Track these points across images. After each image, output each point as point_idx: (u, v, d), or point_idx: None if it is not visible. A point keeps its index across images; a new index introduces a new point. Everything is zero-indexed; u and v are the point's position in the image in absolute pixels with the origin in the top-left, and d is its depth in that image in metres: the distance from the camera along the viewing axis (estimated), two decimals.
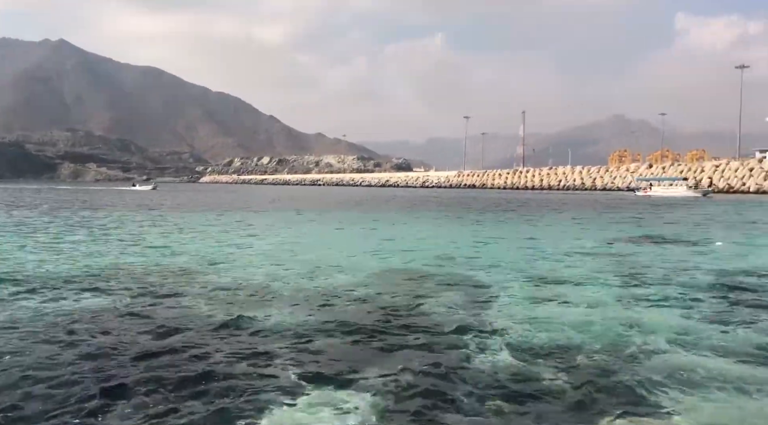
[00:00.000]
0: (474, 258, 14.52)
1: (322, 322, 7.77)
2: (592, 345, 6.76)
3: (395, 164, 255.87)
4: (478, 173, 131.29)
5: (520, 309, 8.68)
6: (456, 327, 7.48)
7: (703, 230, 23.67)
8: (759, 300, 9.38)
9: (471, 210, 39.62)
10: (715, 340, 6.98)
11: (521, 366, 6.06)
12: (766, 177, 79.44)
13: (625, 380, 5.63)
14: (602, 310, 8.60)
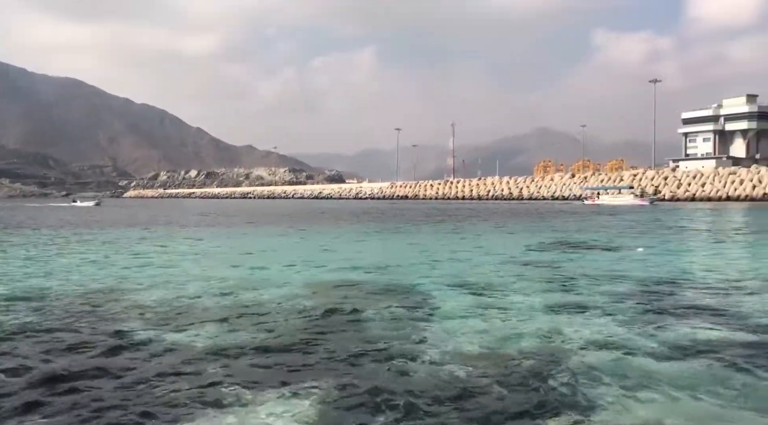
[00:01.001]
0: (408, 267, 14.61)
1: (254, 336, 7.62)
2: (523, 351, 6.92)
3: (328, 176, 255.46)
4: (410, 184, 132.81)
5: (454, 317, 8.80)
6: (390, 337, 7.50)
7: (629, 236, 24.78)
8: (675, 303, 9.89)
9: (404, 220, 39.94)
10: (637, 343, 7.29)
11: (455, 373, 6.12)
12: (679, 185, 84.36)
13: (556, 384, 5.79)
14: (532, 316, 8.85)
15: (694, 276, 13.22)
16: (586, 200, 76.98)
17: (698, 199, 78.94)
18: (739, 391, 5.59)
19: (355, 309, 9.46)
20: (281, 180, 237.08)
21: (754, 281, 12.38)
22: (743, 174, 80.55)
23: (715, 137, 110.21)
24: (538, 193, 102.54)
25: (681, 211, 52.35)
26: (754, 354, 6.72)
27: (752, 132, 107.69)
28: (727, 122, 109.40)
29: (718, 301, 10.06)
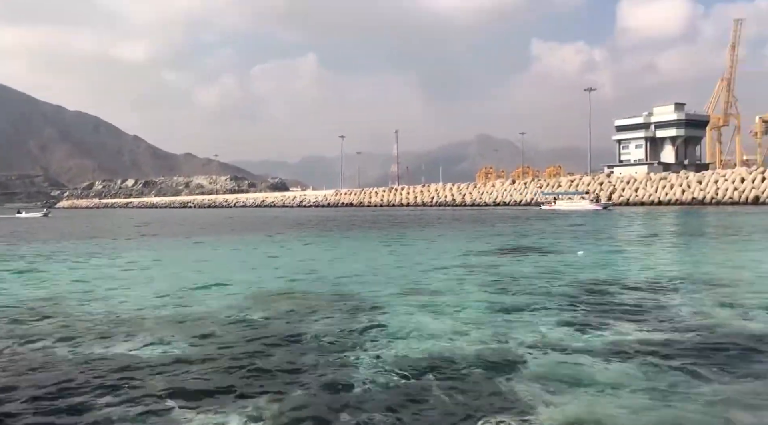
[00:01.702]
0: (353, 274, 14.57)
1: (194, 350, 7.45)
2: (466, 354, 7.03)
3: (271, 184, 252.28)
4: (355, 191, 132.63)
5: (398, 323, 8.83)
6: (334, 346, 7.49)
7: (572, 240, 25.43)
8: (611, 304, 10.27)
9: (349, 228, 39.81)
10: (576, 343, 7.52)
11: (400, 379, 6.17)
12: (614, 190, 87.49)
13: (498, 386, 5.90)
14: (474, 320, 8.99)
15: (630, 277, 13.69)
16: (543, 205, 78.30)
17: (632, 203, 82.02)
18: (671, 389, 5.82)
19: (299, 318, 9.39)
20: (222, 188, 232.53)
21: (684, 282, 12.94)
22: (673, 179, 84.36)
23: (646, 144, 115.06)
24: (480, 199, 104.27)
25: (629, 215, 54.26)
26: (685, 353, 7.03)
27: (680, 139, 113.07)
28: (657, 129, 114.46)
29: (651, 301, 10.47)
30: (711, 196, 76.59)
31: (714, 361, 6.63)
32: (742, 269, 14.97)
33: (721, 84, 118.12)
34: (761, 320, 8.76)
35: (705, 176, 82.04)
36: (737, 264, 16.08)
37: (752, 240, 23.87)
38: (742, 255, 18.46)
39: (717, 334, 7.92)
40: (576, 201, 75.92)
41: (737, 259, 17.50)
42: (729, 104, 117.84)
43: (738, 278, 13.25)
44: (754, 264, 15.96)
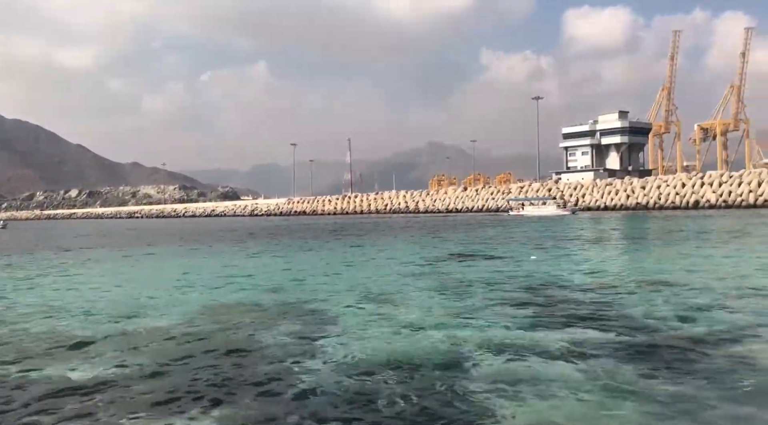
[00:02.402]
0: (306, 283, 14.44)
1: (142, 365, 7.23)
2: (420, 358, 7.05)
3: (221, 193, 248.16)
4: (308, 200, 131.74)
5: (353, 329, 8.80)
6: (289, 354, 7.39)
7: (528, 244, 25.79)
8: (561, 306, 10.46)
9: (303, 236, 39.42)
10: (529, 344, 7.63)
11: (356, 382, 6.15)
12: (562, 196, 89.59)
13: (453, 389, 5.92)
14: (429, 324, 9.01)
15: (579, 279, 14.00)
16: (512, 211, 79.27)
17: (579, 208, 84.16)
18: (621, 387, 5.94)
19: (251, 328, 9.24)
20: (171, 198, 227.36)
21: (631, 283, 13.32)
22: (618, 185, 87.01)
23: (592, 150, 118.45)
24: (433, 206, 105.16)
25: (579, 219, 55.54)
26: (633, 352, 7.22)
27: (624, 146, 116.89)
28: (602, 136, 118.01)
29: (600, 303, 10.74)
30: (654, 201, 79.32)
31: (661, 359, 6.83)
32: (684, 271, 15.45)
33: (662, 93, 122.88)
34: (704, 319, 9.06)
35: (648, 182, 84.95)
36: (680, 266, 16.61)
37: (693, 244, 24.74)
38: (684, 258, 19.09)
39: (663, 333, 8.15)
40: (544, 206, 77.20)
41: (680, 261, 18.08)
42: (669, 112, 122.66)
43: (681, 279, 13.68)
44: (695, 265, 16.52)
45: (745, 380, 6.05)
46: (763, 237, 26.37)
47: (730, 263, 17.00)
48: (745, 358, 6.86)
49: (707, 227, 35.86)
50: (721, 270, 15.30)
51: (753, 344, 7.47)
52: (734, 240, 25.88)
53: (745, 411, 5.22)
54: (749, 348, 7.30)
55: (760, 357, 6.85)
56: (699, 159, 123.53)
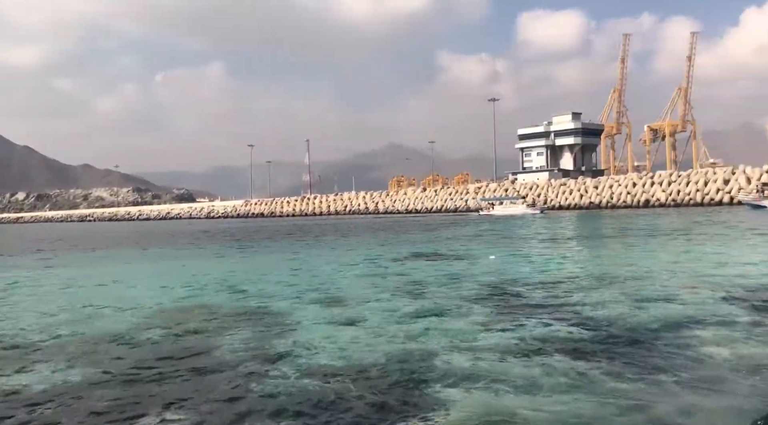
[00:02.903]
0: (265, 286, 14.30)
1: (98, 372, 7.02)
2: (382, 359, 7.05)
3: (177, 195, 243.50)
4: (266, 201, 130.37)
5: (312, 332, 8.74)
6: (248, 358, 7.30)
7: (488, 244, 26.07)
8: (519, 304, 10.63)
9: (260, 238, 38.99)
10: (489, 343, 7.72)
11: (315, 388, 6.09)
12: (517, 195, 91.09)
13: (414, 387, 5.97)
14: (390, 324, 9.03)
15: (537, 277, 14.25)
16: (482, 211, 79.84)
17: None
18: (579, 383, 6.07)
19: (209, 331, 9.10)
20: (125, 200, 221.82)
21: (585, 279, 13.64)
22: (572, 185, 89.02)
23: (547, 151, 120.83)
24: (393, 207, 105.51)
25: (554, 218, 56.48)
26: (589, 347, 7.38)
27: (578, 146, 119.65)
28: (556, 138, 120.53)
29: (557, 300, 10.95)
30: (606, 200, 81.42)
31: (614, 352, 7.00)
32: (635, 266, 15.89)
33: (613, 95, 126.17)
34: (655, 313, 9.32)
35: (601, 182, 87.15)
36: (631, 262, 17.07)
37: (643, 241, 25.51)
38: (636, 254, 19.66)
39: (618, 328, 8.36)
40: (513, 206, 78.25)
41: (631, 257, 18.61)
42: (620, 114, 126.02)
43: (632, 274, 14.08)
44: (646, 261, 17.03)
45: (693, 369, 6.25)
46: (709, 234, 27.36)
47: (678, 258, 17.59)
48: (691, 348, 7.11)
49: (657, 225, 37.02)
50: (670, 265, 15.80)
51: (700, 335, 7.74)
52: (682, 237, 26.79)
53: (692, 399, 5.39)
54: (696, 339, 7.56)
55: (705, 347, 7.10)
56: (649, 159, 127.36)
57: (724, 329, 8.10)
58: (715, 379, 5.95)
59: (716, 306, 9.75)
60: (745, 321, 8.54)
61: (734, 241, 23.23)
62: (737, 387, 5.71)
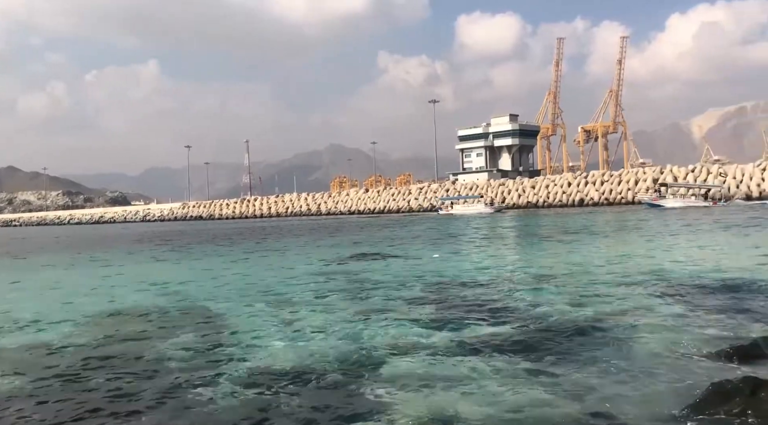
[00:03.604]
0: (205, 290, 14.00)
1: (22, 384, 6.66)
2: (326, 361, 7.02)
3: (110, 198, 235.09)
4: (204, 204, 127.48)
5: (255, 336, 8.61)
6: (188, 365, 7.12)
7: (433, 244, 26.28)
8: (463, 302, 10.76)
9: (199, 242, 38.06)
10: (432, 342, 7.78)
11: (259, 390, 6.03)
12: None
13: (359, 389, 5.96)
14: (333, 326, 8.99)
15: (479, 276, 14.48)
16: (441, 210, 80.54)
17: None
18: (519, 379, 6.20)
19: (148, 338, 8.85)
20: (54, 204, 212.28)
21: (524, 276, 14.00)
22: (510, 184, 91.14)
23: (486, 152, 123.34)
24: (335, 208, 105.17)
25: (471, 219, 57.36)
26: (530, 344, 7.54)
27: (515, 147, 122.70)
28: (495, 139, 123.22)
29: (499, 297, 11.16)
30: (543, 199, 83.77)
31: (554, 349, 7.20)
32: (571, 263, 16.42)
33: (549, 97, 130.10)
34: (590, 309, 9.64)
35: (538, 181, 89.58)
36: (567, 259, 17.64)
37: (578, 238, 26.38)
38: (571, 251, 20.30)
39: (555, 324, 8.60)
40: (472, 205, 79.43)
41: (567, 254, 19.22)
42: (556, 115, 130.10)
43: (568, 270, 14.54)
44: (581, 258, 17.63)
45: (627, 360, 6.49)
46: (638, 230, 28.59)
47: (610, 254, 18.28)
48: (624, 340, 7.39)
49: (590, 223, 38.35)
50: (603, 261, 16.39)
51: (632, 327, 8.05)
52: (614, 234, 27.88)
53: (626, 389, 5.61)
54: (629, 330, 7.87)
55: (638, 338, 7.40)
56: (583, 159, 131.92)
57: (655, 320, 8.46)
58: (648, 369, 6.21)
59: (647, 300, 10.17)
60: (673, 313, 8.95)
61: (662, 237, 24.35)
62: (668, 375, 5.97)
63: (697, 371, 6.06)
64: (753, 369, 5.83)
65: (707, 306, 9.36)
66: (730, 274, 12.78)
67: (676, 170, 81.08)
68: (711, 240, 22.69)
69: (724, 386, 4.80)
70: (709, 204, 59.97)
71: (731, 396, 4.67)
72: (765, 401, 4.58)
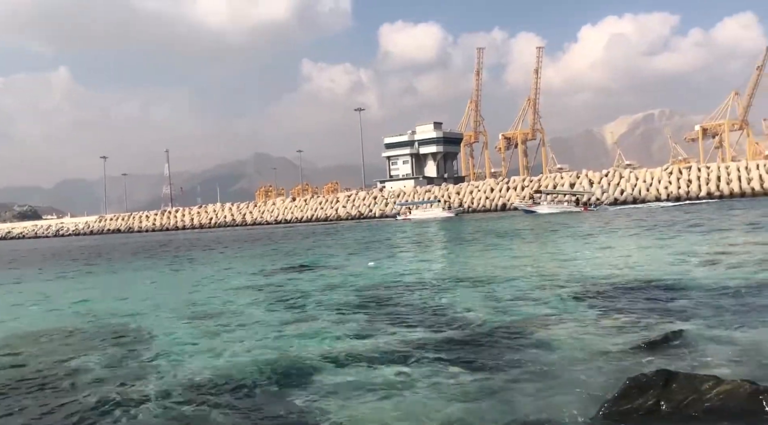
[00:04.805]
0: (126, 306, 13.36)
1: None
2: (258, 372, 6.88)
3: (19, 213, 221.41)
4: (122, 216, 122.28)
5: (180, 349, 8.36)
6: (111, 382, 6.77)
7: (371, 251, 26.19)
8: (392, 310, 10.83)
9: (117, 257, 36.43)
10: (359, 350, 7.76)
11: (184, 405, 5.86)
12: (386, 203, 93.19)
13: (291, 399, 5.87)
14: (264, 337, 8.81)
15: (411, 282, 14.58)
16: (399, 216, 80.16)
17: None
18: (450, 383, 6.29)
19: (67, 356, 8.38)
20: None
21: (455, 282, 14.22)
22: (436, 191, 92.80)
23: (412, 159, 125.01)
24: (261, 218, 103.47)
25: (421, 224, 57.78)
26: (458, 348, 7.69)
27: (440, 154, 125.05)
28: (420, 146, 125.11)
29: (428, 303, 11.30)
30: (468, 204, 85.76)
31: (481, 354, 7.34)
32: (496, 266, 16.88)
33: (470, 105, 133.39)
34: (512, 312, 9.93)
35: (462, 188, 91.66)
36: (492, 262, 18.11)
37: (501, 241, 27.15)
38: (496, 255, 20.85)
39: (481, 328, 8.80)
40: (430, 209, 79.77)
41: (492, 258, 19.74)
42: (478, 123, 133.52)
43: (493, 274, 14.92)
44: (502, 261, 18.13)
45: (547, 361, 6.71)
46: (557, 233, 29.75)
47: (533, 256, 18.92)
48: (545, 341, 7.65)
49: (512, 227, 39.56)
50: (526, 263, 16.95)
51: (551, 329, 8.34)
52: (535, 238, 28.87)
53: (547, 388, 5.79)
54: (549, 332, 8.15)
55: (558, 339, 7.67)
56: (505, 165, 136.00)
57: (573, 321, 8.80)
58: (569, 368, 6.44)
59: (566, 301, 10.57)
60: (590, 313, 9.35)
61: (575, 239, 25.44)
62: (587, 373, 6.21)
63: (614, 367, 6.33)
64: (666, 362, 6.15)
65: (620, 305, 9.83)
66: (639, 274, 13.51)
67: (591, 174, 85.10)
68: (617, 242, 23.90)
69: (640, 380, 5.02)
70: (581, 209, 63.61)
71: (646, 389, 4.90)
72: (677, 391, 4.84)
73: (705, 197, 72.55)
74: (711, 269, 13.52)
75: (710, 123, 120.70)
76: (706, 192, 74.23)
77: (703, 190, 74.73)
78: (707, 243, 19.71)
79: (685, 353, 6.64)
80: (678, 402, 4.77)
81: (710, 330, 7.62)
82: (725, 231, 24.71)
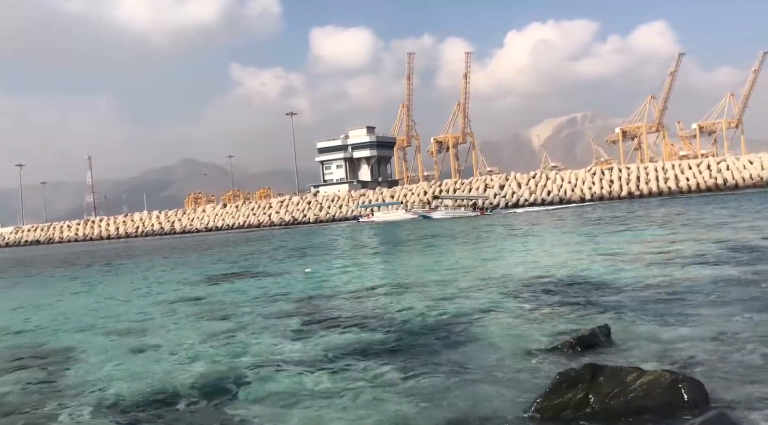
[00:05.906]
0: (42, 322, 12.67)
1: None
2: (189, 385, 6.67)
3: None
4: (42, 227, 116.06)
5: (106, 365, 7.99)
6: (27, 404, 6.41)
7: (308, 257, 25.84)
8: (329, 315, 10.75)
9: (35, 270, 34.52)
10: (295, 357, 7.67)
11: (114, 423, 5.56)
12: (321, 208, 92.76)
13: (224, 410, 5.73)
14: (195, 349, 8.55)
15: (347, 288, 14.50)
16: (362, 218, 79.47)
17: (338, 219, 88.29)
18: (385, 387, 6.28)
19: None
20: None
21: (392, 286, 14.28)
22: (370, 195, 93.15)
23: (346, 164, 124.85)
24: (191, 226, 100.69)
25: (354, 227, 57.47)
26: (395, 351, 7.70)
27: (374, 158, 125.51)
28: (354, 150, 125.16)
29: (362, 308, 11.28)
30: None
31: (416, 354, 7.40)
32: (432, 269, 17.09)
33: (402, 109, 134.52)
34: (446, 312, 10.05)
35: (396, 191, 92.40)
36: (429, 266, 18.32)
37: (433, 242, 27.54)
38: (432, 257, 21.12)
39: (419, 329, 8.88)
40: (393, 211, 79.64)
41: (428, 261, 19.97)
42: (410, 127, 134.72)
43: (431, 277, 15.08)
44: (441, 263, 18.40)
45: (480, 361, 6.83)
46: (488, 233, 30.47)
47: (467, 257, 19.28)
48: (481, 339, 7.81)
49: (445, 229, 40.20)
50: (462, 263, 17.24)
51: (485, 328, 8.51)
52: (468, 239, 29.44)
53: (480, 387, 5.88)
54: (485, 330, 8.32)
55: (490, 339, 7.82)
56: (437, 169, 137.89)
57: (505, 320, 9.01)
58: (502, 365, 6.58)
59: (498, 301, 10.81)
60: (521, 311, 9.60)
61: (505, 240, 26.13)
62: (520, 369, 6.36)
63: (545, 363, 6.51)
64: (594, 357, 6.37)
65: (550, 303, 10.14)
66: (565, 272, 14.01)
67: (519, 177, 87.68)
68: (539, 244, 24.73)
69: (569, 374, 5.17)
70: (477, 213, 65.96)
71: (575, 383, 5.06)
72: (604, 384, 5.02)
73: (626, 197, 76.18)
74: (613, 266, 14.18)
75: (629, 126, 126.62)
76: (627, 192, 77.92)
77: (624, 190, 78.42)
78: (600, 243, 20.66)
79: (611, 347, 6.91)
80: (605, 394, 4.95)
81: (635, 325, 7.97)
82: (623, 232, 26.00)
